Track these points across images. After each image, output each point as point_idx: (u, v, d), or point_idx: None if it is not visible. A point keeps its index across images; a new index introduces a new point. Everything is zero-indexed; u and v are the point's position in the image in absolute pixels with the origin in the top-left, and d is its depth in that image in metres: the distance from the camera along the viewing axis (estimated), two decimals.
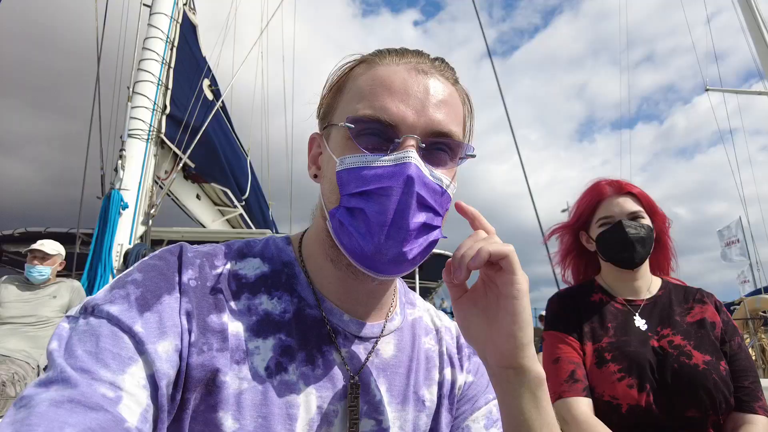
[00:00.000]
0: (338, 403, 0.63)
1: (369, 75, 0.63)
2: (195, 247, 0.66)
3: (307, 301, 0.66)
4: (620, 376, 1.22)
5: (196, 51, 5.97)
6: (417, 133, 0.60)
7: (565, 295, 1.50)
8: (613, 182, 1.45)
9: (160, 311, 0.55)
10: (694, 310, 1.37)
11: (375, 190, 0.58)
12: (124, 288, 0.56)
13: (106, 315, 0.52)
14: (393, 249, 0.58)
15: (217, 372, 0.56)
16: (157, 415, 0.51)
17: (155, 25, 5.14)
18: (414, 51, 0.67)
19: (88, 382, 0.46)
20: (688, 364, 1.22)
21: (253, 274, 0.66)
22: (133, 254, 4.19)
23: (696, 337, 1.29)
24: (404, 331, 0.75)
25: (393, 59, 0.64)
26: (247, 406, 0.57)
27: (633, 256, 1.35)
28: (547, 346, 1.41)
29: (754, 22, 8.99)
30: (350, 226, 0.59)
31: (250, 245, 0.70)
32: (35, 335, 3.30)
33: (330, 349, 0.65)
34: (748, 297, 11.66)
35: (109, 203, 4.25)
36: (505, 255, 0.58)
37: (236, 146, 6.87)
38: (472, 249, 0.58)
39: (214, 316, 0.59)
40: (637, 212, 1.38)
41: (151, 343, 0.52)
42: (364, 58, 0.67)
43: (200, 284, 0.60)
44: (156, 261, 0.60)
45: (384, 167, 0.58)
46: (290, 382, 0.61)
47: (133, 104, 4.75)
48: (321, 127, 0.70)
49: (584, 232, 1.49)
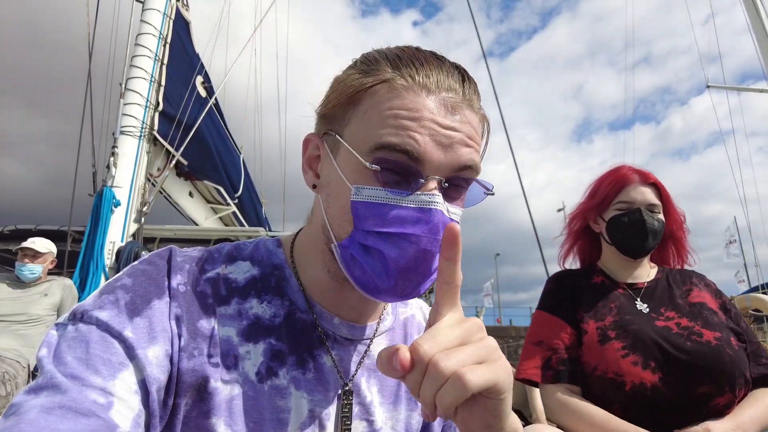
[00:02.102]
0: (330, 407, 0.63)
1: (395, 102, 0.56)
2: (185, 251, 0.65)
3: (298, 305, 0.66)
4: (624, 353, 1.22)
5: (189, 48, 5.93)
6: (441, 173, 0.57)
7: (564, 276, 1.49)
8: (638, 170, 1.43)
9: (149, 316, 0.54)
10: (693, 292, 1.37)
11: (397, 233, 0.55)
12: (114, 293, 0.55)
13: (95, 321, 0.52)
14: (408, 289, 0.58)
15: (207, 377, 0.56)
16: (149, 421, 0.51)
17: (148, 21, 5.09)
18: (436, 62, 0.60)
19: (79, 389, 0.46)
20: (700, 342, 1.21)
21: (243, 278, 0.65)
22: (126, 252, 4.17)
23: (701, 316, 1.28)
24: (396, 330, 0.75)
25: (420, 81, 0.57)
26: (238, 412, 0.57)
27: (644, 246, 1.36)
28: (534, 325, 1.41)
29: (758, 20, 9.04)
30: (365, 263, 0.57)
31: (240, 248, 0.69)
32: (26, 333, 3.27)
33: (321, 353, 0.65)
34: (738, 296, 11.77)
35: (101, 201, 4.22)
36: (494, 383, 0.44)
37: (229, 144, 6.84)
38: (446, 391, 0.42)
39: (204, 321, 0.58)
40: (656, 206, 1.38)
41: (141, 348, 0.51)
42: (387, 76, 0.58)
43: (190, 289, 0.60)
44: (145, 266, 0.60)
45: (408, 209, 0.55)
46: (281, 386, 0.60)
47: (126, 101, 4.71)
48: (321, 131, 0.65)
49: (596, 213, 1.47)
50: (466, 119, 0.59)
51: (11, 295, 3.36)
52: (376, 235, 0.56)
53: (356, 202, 0.57)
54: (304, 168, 0.67)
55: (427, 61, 0.59)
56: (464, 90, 0.60)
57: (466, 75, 0.62)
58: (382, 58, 0.60)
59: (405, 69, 0.58)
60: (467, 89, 0.60)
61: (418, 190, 0.56)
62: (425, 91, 0.57)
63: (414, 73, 0.58)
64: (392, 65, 0.59)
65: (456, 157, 0.57)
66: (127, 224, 4.43)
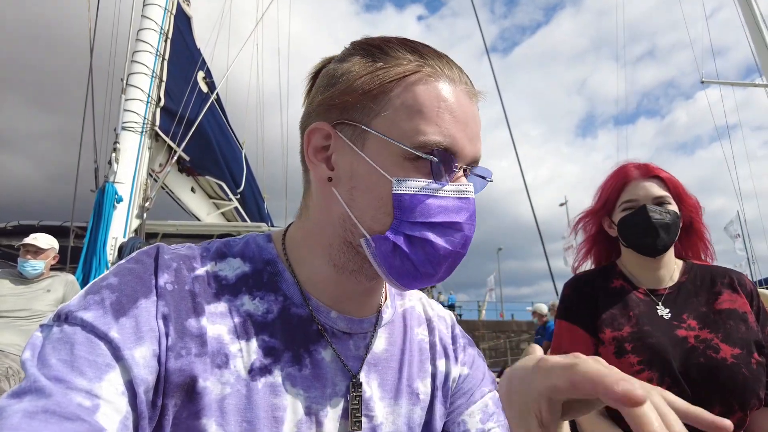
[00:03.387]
0: (327, 403, 0.62)
1: (432, 93, 0.58)
2: (172, 249, 0.63)
3: (293, 299, 0.64)
4: (640, 369, 1.17)
5: (191, 43, 5.92)
6: (466, 162, 0.61)
7: (582, 280, 1.41)
8: (640, 165, 1.37)
9: (136, 316, 0.53)
10: (723, 296, 1.27)
11: (443, 223, 0.58)
12: (99, 293, 0.54)
13: (80, 322, 0.51)
14: (445, 274, 0.61)
15: (196, 377, 0.55)
16: (137, 423, 0.50)
17: (149, 17, 5.09)
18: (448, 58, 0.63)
19: (63, 392, 0.45)
20: (714, 358, 1.15)
21: (233, 275, 0.63)
22: (128, 248, 4.17)
23: (724, 328, 1.20)
24: (395, 323, 0.74)
25: (445, 72, 0.60)
26: (230, 411, 0.56)
27: (656, 243, 1.27)
28: (556, 336, 1.38)
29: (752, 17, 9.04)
30: (410, 253, 0.58)
31: (230, 245, 0.68)
32: (29, 329, 3.28)
33: (318, 348, 0.63)
34: None
35: (103, 196, 4.23)
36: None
37: (231, 139, 6.84)
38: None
39: (192, 320, 0.57)
40: (663, 197, 1.30)
41: (127, 349, 0.50)
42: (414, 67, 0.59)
43: (177, 288, 0.58)
44: (132, 264, 0.58)
45: (449, 199, 0.59)
46: (275, 384, 0.59)
47: (127, 96, 4.71)
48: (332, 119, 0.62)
49: (607, 216, 1.41)
50: (478, 110, 0.63)
51: (14, 290, 3.37)
52: (421, 225, 0.58)
53: (399, 194, 0.58)
54: (311, 159, 0.64)
55: (436, 52, 0.62)
56: (470, 81, 0.64)
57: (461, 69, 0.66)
58: (397, 47, 0.61)
59: (427, 59, 0.60)
60: (470, 80, 0.64)
61: (453, 180, 0.60)
62: (450, 81, 0.60)
63: (435, 62, 0.60)
64: (411, 53, 0.61)
65: (476, 150, 0.62)
66: (130, 220, 4.44)
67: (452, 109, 0.59)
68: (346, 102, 0.60)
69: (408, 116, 0.58)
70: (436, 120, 0.58)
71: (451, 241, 0.59)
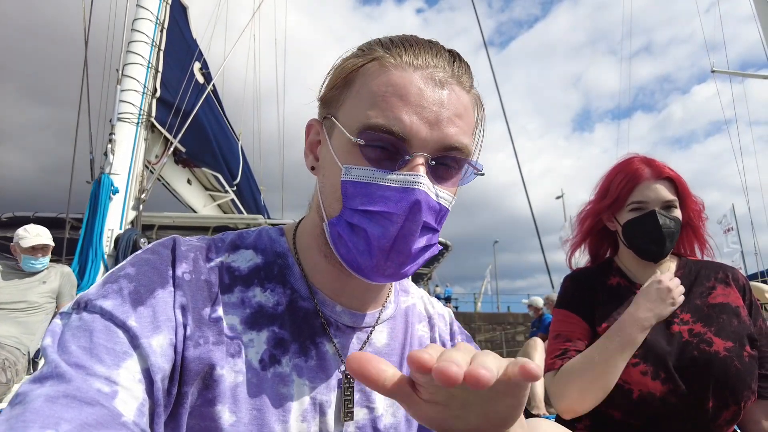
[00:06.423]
0: (331, 394, 0.64)
1: (383, 79, 0.58)
2: (188, 240, 0.65)
3: (300, 293, 0.66)
4: (635, 362, 1.19)
5: (187, 33, 5.86)
6: (428, 150, 0.57)
7: (581, 276, 1.43)
8: (650, 162, 1.33)
9: (153, 305, 0.54)
10: (716, 290, 1.29)
11: (380, 212, 0.56)
12: (117, 282, 0.55)
13: (99, 310, 0.52)
14: (391, 269, 0.58)
15: (213, 365, 0.56)
16: (153, 410, 0.51)
17: (144, 6, 5.03)
18: (428, 45, 0.61)
19: (83, 377, 0.46)
20: (707, 352, 1.16)
21: (246, 267, 0.65)
22: (124, 239, 4.16)
23: (717, 322, 1.22)
24: (397, 319, 0.75)
25: (408, 59, 0.59)
26: (242, 399, 0.57)
27: (662, 251, 1.28)
28: (553, 323, 1.39)
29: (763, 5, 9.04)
30: (349, 241, 0.58)
31: (243, 237, 0.70)
32: (25, 321, 3.28)
33: (323, 341, 0.65)
34: None
35: (99, 188, 4.21)
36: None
37: (228, 131, 6.80)
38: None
39: (209, 310, 0.59)
40: (672, 201, 1.29)
41: (145, 338, 0.52)
42: (377, 55, 0.60)
43: (195, 278, 0.60)
44: (149, 255, 0.60)
45: (392, 189, 0.56)
46: (283, 374, 0.61)
47: (123, 87, 4.67)
48: (321, 115, 0.66)
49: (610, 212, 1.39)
50: (454, 95, 0.59)
51: (10, 282, 3.36)
52: (361, 213, 0.58)
53: (345, 181, 0.59)
54: (306, 153, 0.69)
55: (418, 43, 0.61)
56: (453, 68, 0.61)
57: (458, 56, 0.63)
58: (376, 43, 0.63)
59: (395, 49, 0.60)
60: (456, 67, 0.61)
61: (404, 168, 0.57)
62: (413, 67, 0.58)
63: (403, 53, 0.59)
64: (383, 47, 0.61)
65: (443, 135, 0.58)
66: (126, 211, 4.42)
67: (403, 94, 0.57)
68: (327, 96, 0.65)
69: (359, 103, 0.59)
70: (381, 104, 0.57)
71: (385, 232, 0.56)
